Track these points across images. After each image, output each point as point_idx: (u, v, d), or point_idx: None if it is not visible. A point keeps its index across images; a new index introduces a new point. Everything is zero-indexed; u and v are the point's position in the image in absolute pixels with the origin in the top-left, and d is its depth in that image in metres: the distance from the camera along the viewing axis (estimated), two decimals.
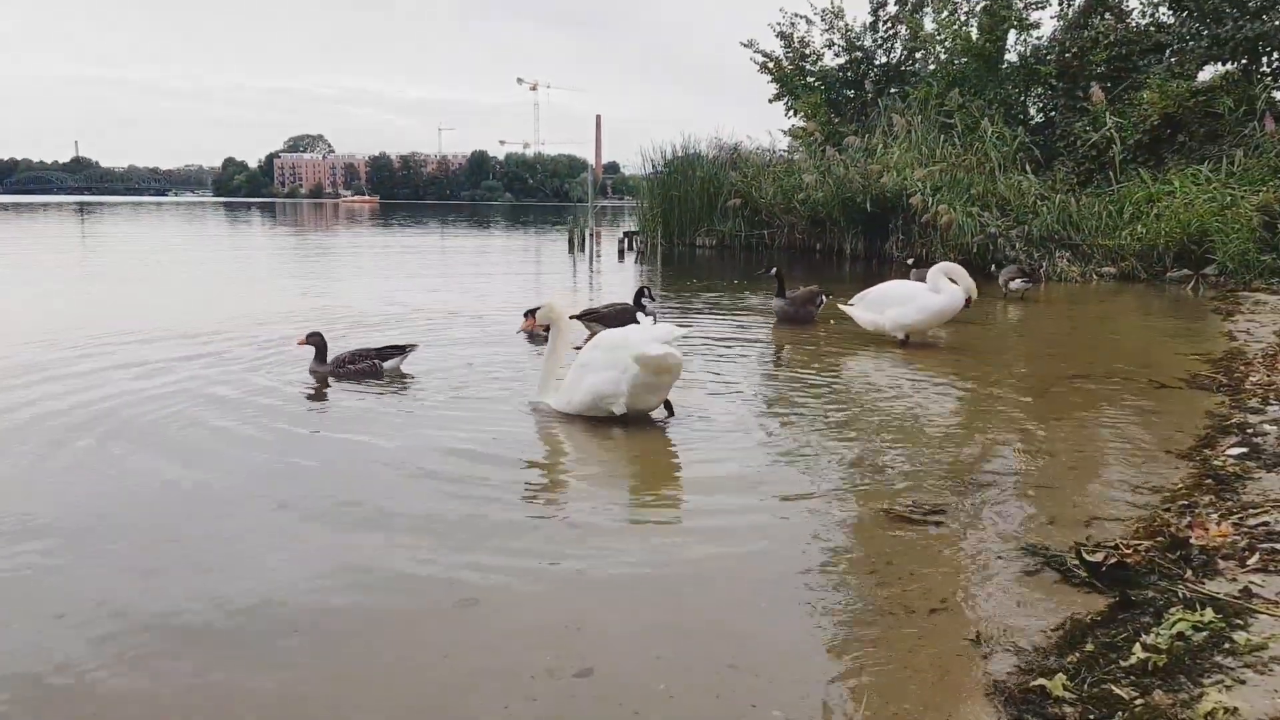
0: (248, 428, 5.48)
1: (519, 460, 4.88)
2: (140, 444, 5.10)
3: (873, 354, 8.29)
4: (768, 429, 5.63)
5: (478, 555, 3.60)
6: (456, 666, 2.80)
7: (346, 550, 3.67)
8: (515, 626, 3.06)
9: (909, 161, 17.96)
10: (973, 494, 4.36)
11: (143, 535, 3.84)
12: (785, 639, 2.98)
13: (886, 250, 18.81)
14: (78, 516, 4.01)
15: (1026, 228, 15.96)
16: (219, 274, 16.97)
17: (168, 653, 2.86)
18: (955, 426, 5.78)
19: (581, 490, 4.39)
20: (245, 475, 4.62)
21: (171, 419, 5.60)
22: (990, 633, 2.97)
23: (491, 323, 9.83)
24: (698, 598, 3.28)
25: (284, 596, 3.24)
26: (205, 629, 3.02)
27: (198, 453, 4.97)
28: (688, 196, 23.50)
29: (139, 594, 3.26)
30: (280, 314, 10.30)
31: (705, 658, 2.86)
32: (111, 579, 3.40)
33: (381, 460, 4.84)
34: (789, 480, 4.56)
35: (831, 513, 4.12)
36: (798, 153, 23.26)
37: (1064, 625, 3.00)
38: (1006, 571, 3.47)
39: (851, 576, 3.46)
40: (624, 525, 3.94)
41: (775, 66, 23.67)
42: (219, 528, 3.93)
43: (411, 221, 48.89)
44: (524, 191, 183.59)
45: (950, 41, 20.24)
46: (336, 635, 3.00)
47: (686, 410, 5.99)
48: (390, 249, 25.89)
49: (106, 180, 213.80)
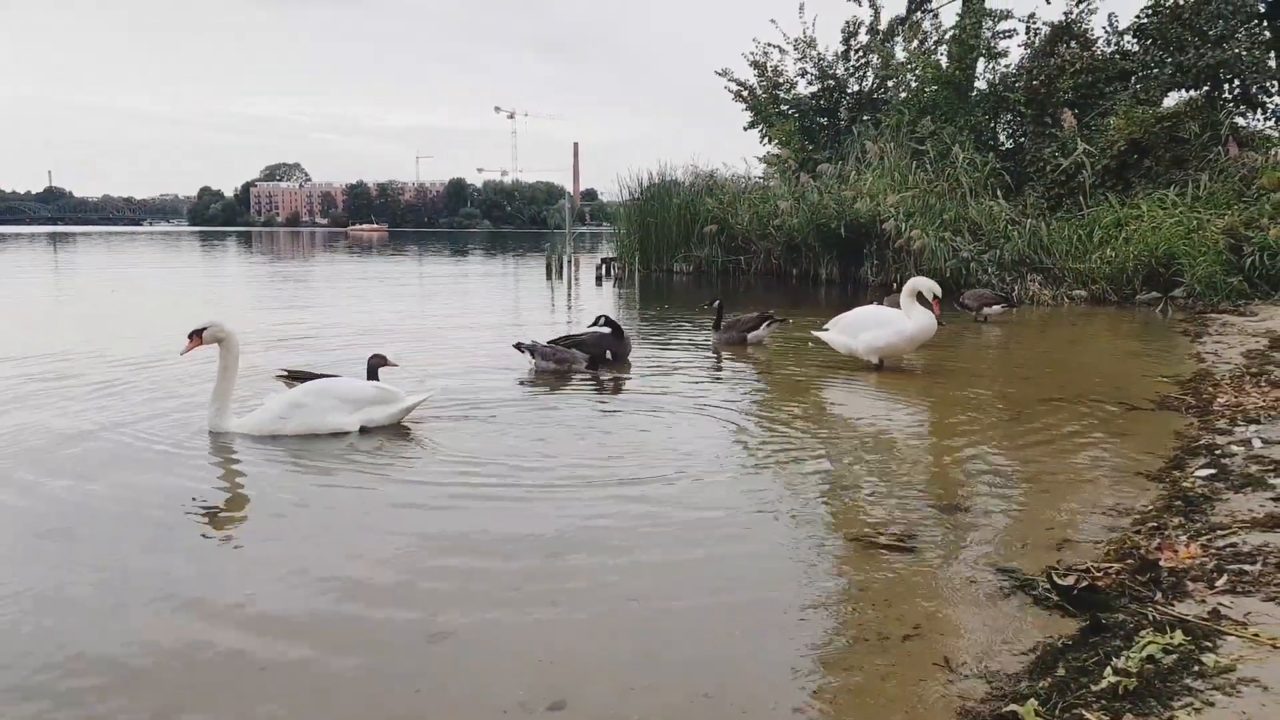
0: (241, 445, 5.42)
1: (487, 489, 4.85)
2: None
3: (846, 379, 8.34)
4: (739, 455, 5.64)
5: (449, 587, 3.57)
6: (427, 701, 2.77)
7: (315, 582, 3.62)
8: (487, 659, 3.03)
9: (882, 188, 18.18)
10: (947, 519, 4.38)
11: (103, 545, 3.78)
12: (760, 667, 2.97)
13: (861, 275, 18.98)
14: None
15: (998, 252, 16.17)
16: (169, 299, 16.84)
17: (132, 687, 2.81)
18: (929, 451, 5.82)
19: (552, 519, 4.36)
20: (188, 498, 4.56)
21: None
22: (962, 658, 2.98)
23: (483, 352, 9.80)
24: (671, 627, 3.26)
25: (246, 626, 3.20)
26: (166, 667, 2.96)
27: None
28: (665, 223, 23.63)
29: (104, 624, 3.20)
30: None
31: (679, 688, 2.85)
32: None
33: (352, 488, 4.80)
34: (762, 507, 4.56)
35: (806, 540, 4.12)
36: (773, 179, 23.50)
37: (1036, 649, 3.01)
38: (980, 596, 3.48)
39: (826, 604, 3.46)
40: (596, 555, 3.92)
41: (749, 95, 23.95)
42: (181, 558, 3.87)
43: (407, 250, 48.77)
44: (502, 219, 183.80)
45: (921, 70, 20.59)
46: (304, 668, 2.95)
47: (658, 437, 5.99)
48: (387, 278, 25.81)
49: (80, 210, 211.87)
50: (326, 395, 6.06)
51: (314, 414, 5.96)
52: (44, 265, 30.80)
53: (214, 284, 22.66)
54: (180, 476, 5.07)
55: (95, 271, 27.93)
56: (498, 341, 10.37)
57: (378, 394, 6.18)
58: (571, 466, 5.31)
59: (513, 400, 7.33)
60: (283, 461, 5.46)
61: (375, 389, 6.24)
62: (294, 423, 5.93)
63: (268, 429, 5.91)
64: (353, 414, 6.06)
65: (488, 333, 11.82)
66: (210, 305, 16.41)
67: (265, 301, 17.58)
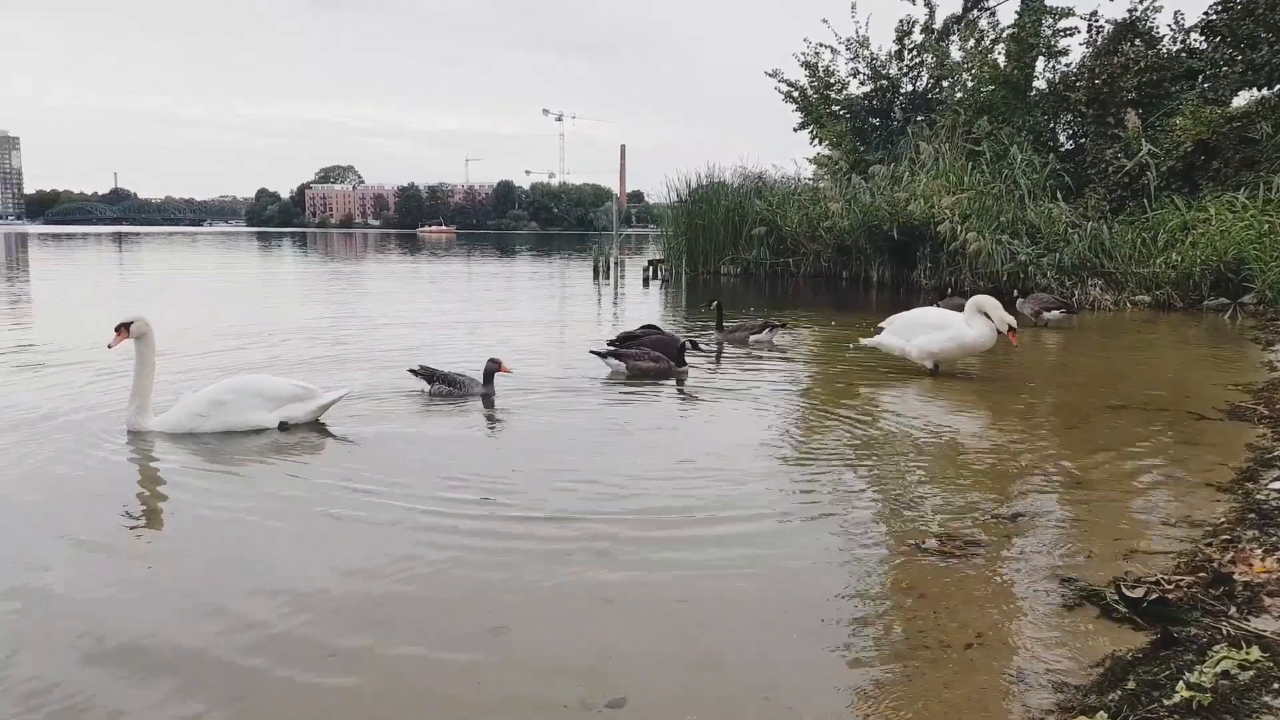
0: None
1: (540, 487, 4.87)
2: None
3: (900, 384, 8.21)
4: (793, 460, 5.59)
5: (507, 581, 3.59)
6: (488, 693, 2.78)
7: (379, 573, 3.67)
8: (546, 654, 3.04)
9: (937, 189, 17.90)
10: (1007, 527, 4.29)
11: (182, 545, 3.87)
12: (818, 671, 2.94)
13: (914, 278, 18.73)
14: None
15: (1058, 255, 15.83)
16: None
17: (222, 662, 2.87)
18: (988, 458, 5.70)
19: (607, 517, 4.36)
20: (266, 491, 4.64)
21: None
22: (1029, 668, 2.91)
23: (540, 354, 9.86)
24: (728, 628, 3.24)
25: (314, 618, 3.25)
26: (241, 652, 3.02)
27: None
28: (712, 224, 23.57)
29: (180, 606, 3.28)
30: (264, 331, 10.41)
31: (738, 689, 2.83)
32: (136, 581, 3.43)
33: (410, 479, 4.84)
34: (817, 512, 4.52)
35: (862, 545, 4.07)
36: (823, 181, 23.28)
37: (1104, 662, 2.94)
38: (1044, 606, 3.40)
39: (884, 610, 3.41)
40: (650, 554, 3.91)
41: (800, 96, 23.77)
42: (264, 550, 3.95)
43: (475, 252, 49.37)
44: (549, 220, 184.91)
45: (977, 69, 20.24)
46: (369, 658, 2.99)
47: (711, 441, 5.96)
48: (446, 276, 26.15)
49: (144, 211, 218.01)
50: (246, 393, 6.01)
51: (234, 412, 5.92)
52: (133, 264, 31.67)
53: (318, 288, 23.09)
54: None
55: (163, 269, 28.72)
56: (558, 344, 10.41)
57: (296, 391, 6.15)
58: (622, 466, 5.30)
59: (589, 392, 7.38)
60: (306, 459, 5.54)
61: (294, 386, 6.18)
62: (213, 420, 5.88)
63: (186, 427, 5.86)
64: (272, 411, 6.03)
65: (549, 332, 11.90)
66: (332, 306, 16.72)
67: (399, 302, 17.88)
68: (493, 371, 7.19)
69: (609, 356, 8.44)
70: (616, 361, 8.39)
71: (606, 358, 8.45)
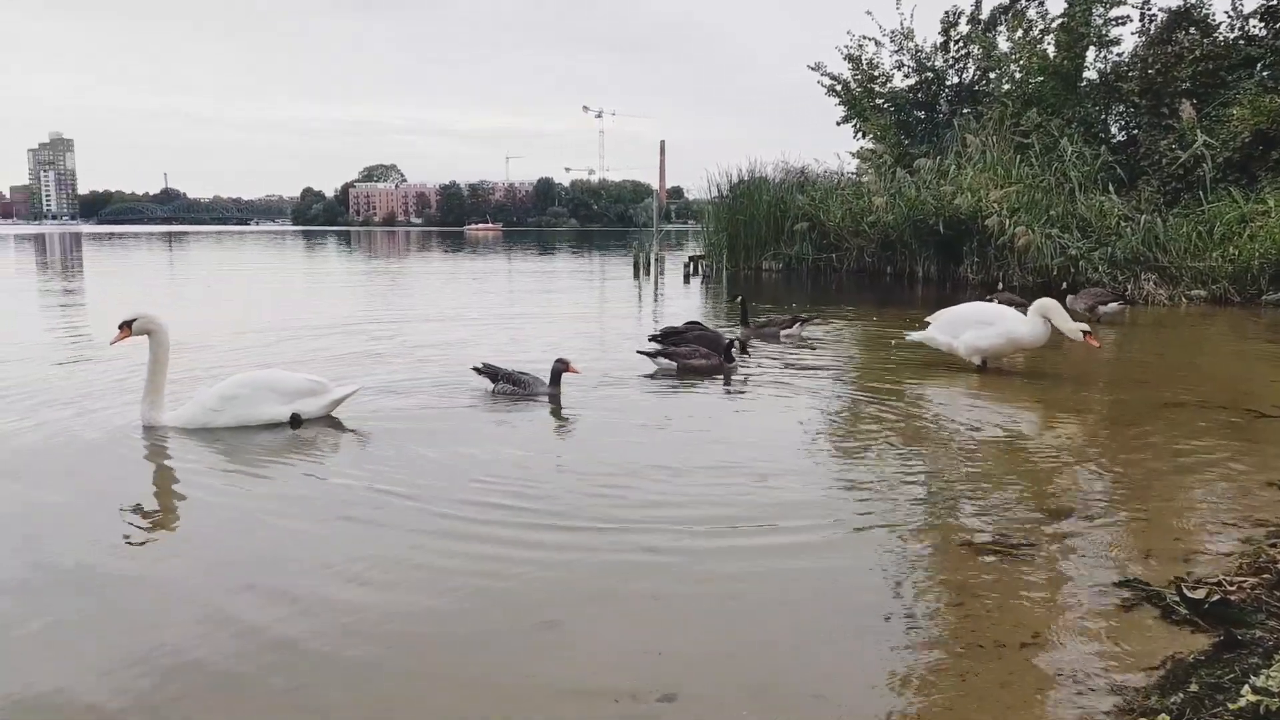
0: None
1: (592, 482, 4.88)
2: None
3: (948, 381, 8.09)
4: (840, 458, 5.55)
5: (556, 578, 3.61)
6: (540, 686, 2.80)
7: (428, 568, 3.71)
8: (597, 648, 3.06)
9: (984, 183, 17.61)
10: (1061, 526, 4.21)
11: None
12: (870, 670, 2.91)
13: (961, 273, 18.46)
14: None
15: (1110, 249, 15.50)
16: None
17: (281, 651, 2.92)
18: (1040, 455, 5.60)
19: (653, 515, 4.36)
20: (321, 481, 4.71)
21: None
22: (1087, 669, 2.86)
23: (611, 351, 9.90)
24: (778, 626, 3.23)
25: (366, 609, 3.30)
26: (288, 643, 3.07)
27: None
28: (754, 220, 23.42)
29: (228, 606, 3.35)
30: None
31: (789, 687, 2.81)
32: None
33: (456, 475, 4.89)
34: (866, 509, 4.47)
35: (913, 543, 4.02)
36: (867, 175, 23.03)
37: (1165, 664, 2.87)
38: (1101, 606, 3.34)
39: (937, 608, 3.37)
40: (699, 550, 3.90)
41: (843, 89, 23.53)
42: (300, 545, 4.01)
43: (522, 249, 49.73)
44: (589, 217, 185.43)
45: (1026, 60, 19.87)
46: (420, 649, 3.03)
47: (757, 439, 5.93)
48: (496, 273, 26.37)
49: (193, 210, 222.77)
50: (259, 387, 6.05)
51: (247, 406, 5.97)
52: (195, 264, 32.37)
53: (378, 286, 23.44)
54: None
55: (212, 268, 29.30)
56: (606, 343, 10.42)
57: (309, 385, 6.18)
58: (667, 463, 5.30)
59: (633, 389, 7.38)
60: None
61: (306, 381, 6.22)
62: (227, 415, 5.93)
63: (200, 422, 5.91)
64: (285, 405, 6.08)
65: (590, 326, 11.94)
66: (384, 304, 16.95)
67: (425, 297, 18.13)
68: (560, 372, 7.04)
69: (659, 355, 8.37)
70: (667, 361, 8.30)
71: (656, 357, 8.38)
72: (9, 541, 4.03)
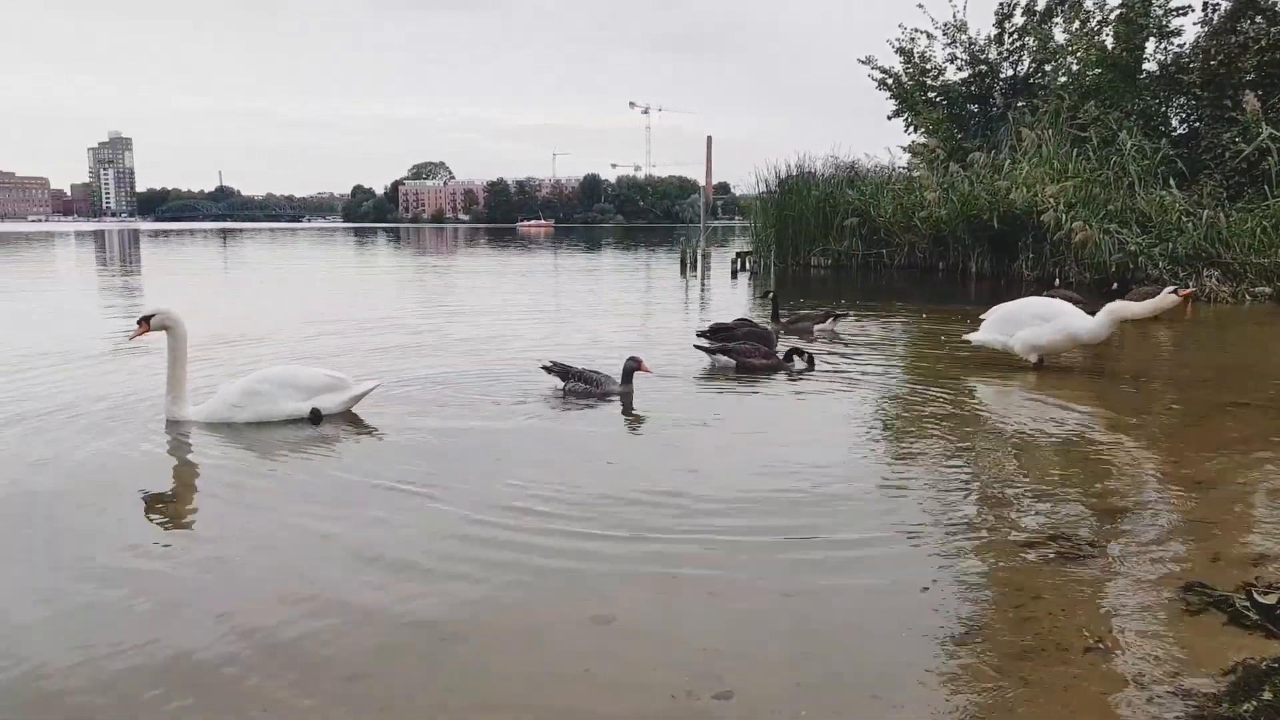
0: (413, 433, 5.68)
1: (644, 479, 4.88)
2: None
3: (1002, 378, 7.95)
4: (894, 457, 5.48)
5: (607, 572, 3.62)
6: (597, 679, 2.81)
7: (479, 562, 3.74)
8: (651, 643, 3.06)
9: (1040, 177, 17.26)
10: (1125, 528, 4.12)
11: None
12: (928, 670, 2.87)
13: (1015, 269, 18.13)
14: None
15: (1170, 245, 15.09)
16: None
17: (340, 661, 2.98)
18: (1100, 456, 5.47)
19: (706, 510, 4.35)
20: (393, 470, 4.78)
21: None
22: (1153, 674, 2.79)
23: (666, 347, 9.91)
24: (833, 624, 3.20)
25: (419, 601, 3.34)
26: (343, 632, 3.12)
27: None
28: (802, 215, 23.24)
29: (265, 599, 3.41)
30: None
31: (845, 687, 2.79)
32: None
33: (505, 469, 4.92)
34: (921, 509, 4.41)
35: (971, 544, 3.96)
36: (918, 169, 22.72)
37: (1235, 670, 2.79)
38: (1167, 611, 3.25)
39: (996, 610, 3.31)
40: (753, 548, 3.88)
41: (894, 83, 23.25)
42: (362, 536, 4.07)
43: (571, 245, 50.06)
44: (634, 213, 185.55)
45: (1083, 52, 19.42)
46: (475, 641, 3.06)
47: (809, 436, 5.88)
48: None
49: (247, 208, 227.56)
50: (281, 383, 6.10)
51: (268, 402, 6.02)
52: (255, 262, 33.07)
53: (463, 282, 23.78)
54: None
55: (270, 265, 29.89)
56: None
57: (328, 382, 6.23)
58: (719, 459, 5.29)
59: (683, 385, 7.38)
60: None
61: (326, 377, 6.26)
62: (248, 411, 5.98)
63: (222, 417, 5.97)
64: (305, 401, 6.12)
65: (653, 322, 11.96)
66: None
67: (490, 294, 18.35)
68: (632, 370, 6.96)
69: (717, 352, 8.33)
70: (725, 358, 8.24)
71: (714, 353, 8.35)
72: (25, 537, 4.09)
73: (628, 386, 6.94)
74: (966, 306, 11.74)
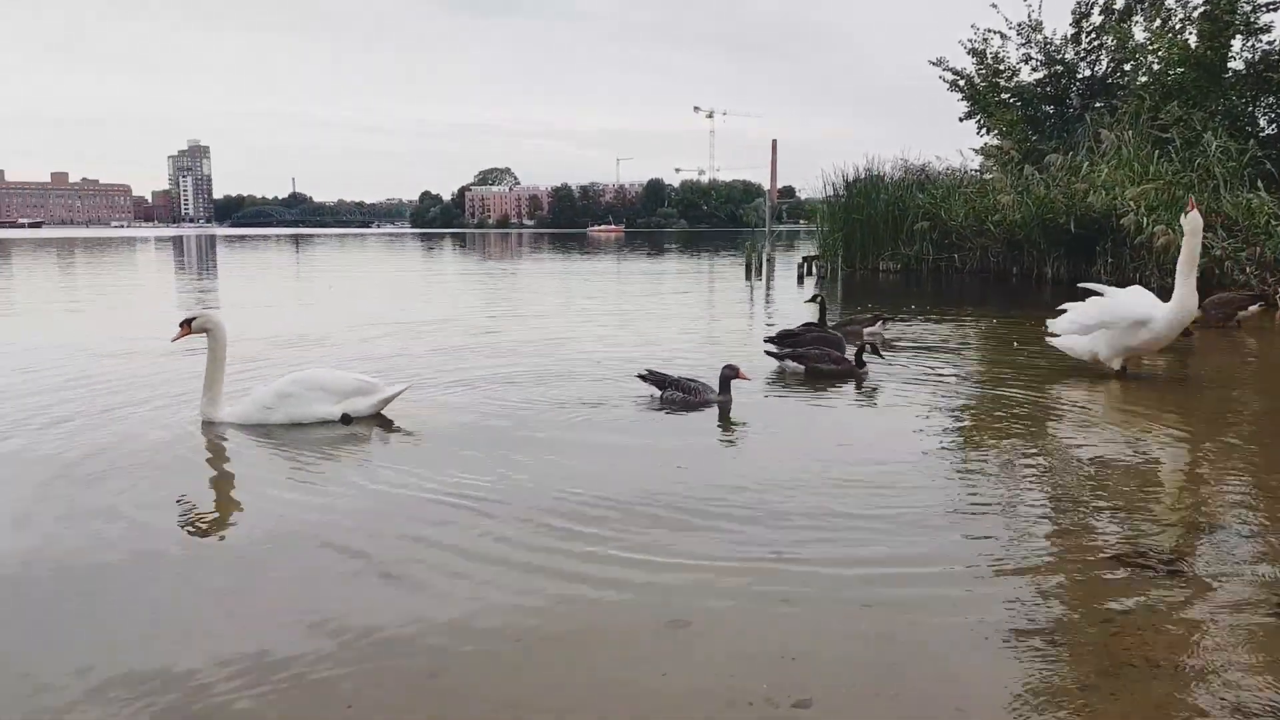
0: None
1: (716, 486, 4.87)
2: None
3: (1079, 385, 7.74)
4: (970, 467, 5.36)
5: (683, 577, 3.63)
6: (674, 685, 2.82)
7: (552, 569, 3.77)
8: (728, 650, 3.05)
9: (1119, 179, 16.76)
10: (1214, 543, 3.98)
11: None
12: (1012, 684, 2.81)
13: (1093, 274, 17.61)
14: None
15: (1259, 249, 14.50)
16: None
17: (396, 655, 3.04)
18: (1185, 467, 5.30)
19: (778, 518, 4.32)
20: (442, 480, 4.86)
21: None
22: (1250, 695, 2.69)
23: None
24: (913, 637, 3.14)
25: (491, 602, 3.39)
26: (433, 633, 3.18)
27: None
28: (871, 219, 22.96)
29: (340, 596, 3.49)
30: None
31: (926, 701, 2.74)
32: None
33: (577, 472, 4.96)
34: (1002, 523, 4.32)
35: (1054, 557, 3.86)
36: (991, 172, 22.27)
37: None
38: (1264, 629, 3.13)
39: (1081, 624, 3.23)
40: (829, 558, 3.84)
41: (966, 84, 22.84)
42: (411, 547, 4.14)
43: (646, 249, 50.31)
44: (698, 218, 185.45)
45: (1165, 51, 18.81)
46: (552, 645, 3.09)
47: (884, 443, 5.80)
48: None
49: (318, 214, 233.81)
50: (312, 386, 6.18)
51: (300, 404, 6.10)
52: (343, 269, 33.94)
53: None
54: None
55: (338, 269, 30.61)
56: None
57: (358, 385, 6.30)
58: (788, 468, 5.25)
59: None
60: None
61: (356, 380, 6.33)
62: (280, 413, 6.08)
63: (255, 419, 6.08)
64: (336, 404, 6.20)
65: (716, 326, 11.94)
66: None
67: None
68: (730, 378, 6.87)
69: (787, 357, 8.27)
70: (795, 364, 8.18)
71: (783, 359, 8.29)
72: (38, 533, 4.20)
73: (726, 395, 6.83)
74: (1040, 312, 11.44)
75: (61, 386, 7.39)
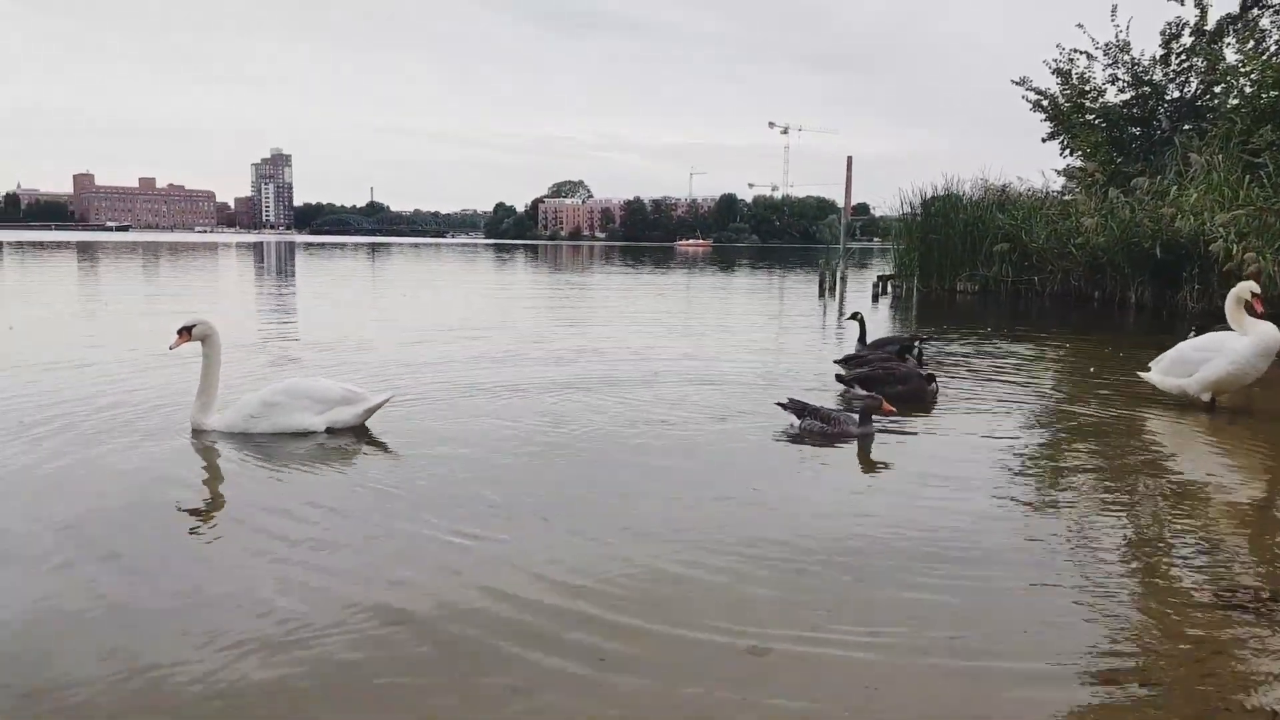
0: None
1: (789, 511, 4.89)
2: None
3: (1160, 414, 7.54)
4: (1051, 499, 5.25)
5: (754, 604, 3.65)
6: (756, 710, 2.85)
7: (633, 586, 3.83)
8: (806, 677, 3.06)
9: (1209, 204, 16.22)
10: None
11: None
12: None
13: (1179, 301, 17.08)
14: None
15: None
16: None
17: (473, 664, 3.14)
18: (1277, 503, 5.12)
19: (855, 545, 4.32)
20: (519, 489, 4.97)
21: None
22: None
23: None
24: (1004, 674, 3.08)
25: (576, 621, 3.45)
26: (508, 640, 3.28)
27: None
28: (949, 239, 22.63)
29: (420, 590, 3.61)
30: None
31: None
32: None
33: (653, 491, 5.03)
34: (1087, 557, 4.24)
35: (1141, 596, 3.78)
36: (1074, 194, 21.76)
37: None
38: None
39: (1175, 667, 3.15)
40: (907, 586, 3.82)
41: (1050, 104, 22.38)
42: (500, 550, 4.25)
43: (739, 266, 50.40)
44: (770, 233, 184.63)
45: (1258, 73, 18.16)
46: (634, 669, 3.13)
47: (960, 472, 5.73)
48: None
49: (395, 223, 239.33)
50: (296, 395, 6.21)
51: (284, 413, 6.12)
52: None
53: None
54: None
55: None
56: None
57: (344, 394, 6.32)
58: (855, 492, 5.23)
59: None
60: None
61: (342, 389, 6.37)
62: (265, 422, 6.11)
63: (240, 427, 6.10)
64: (320, 414, 6.22)
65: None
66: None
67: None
68: (872, 410, 6.59)
69: (854, 383, 8.19)
70: (865, 391, 8.11)
71: (850, 384, 8.22)
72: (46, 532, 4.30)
73: (867, 428, 6.50)
74: (1121, 336, 11.14)
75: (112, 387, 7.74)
